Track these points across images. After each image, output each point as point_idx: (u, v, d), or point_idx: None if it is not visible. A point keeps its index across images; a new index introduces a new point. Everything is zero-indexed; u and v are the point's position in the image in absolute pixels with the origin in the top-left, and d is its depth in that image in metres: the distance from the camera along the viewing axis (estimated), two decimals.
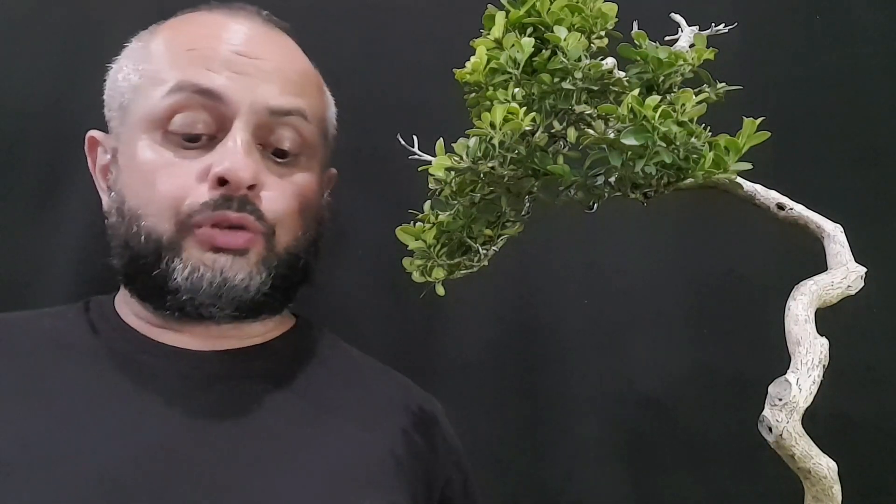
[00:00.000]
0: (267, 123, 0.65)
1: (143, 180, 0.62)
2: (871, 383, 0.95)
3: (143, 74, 0.65)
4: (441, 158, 0.51)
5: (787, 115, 0.96)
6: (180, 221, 0.62)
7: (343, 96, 1.00)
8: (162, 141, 0.63)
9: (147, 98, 0.63)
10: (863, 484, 0.87)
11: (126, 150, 0.64)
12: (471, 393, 0.96)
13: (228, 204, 0.62)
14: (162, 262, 0.62)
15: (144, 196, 0.62)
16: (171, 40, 0.66)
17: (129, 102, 0.65)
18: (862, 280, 0.53)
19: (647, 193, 0.53)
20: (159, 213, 0.62)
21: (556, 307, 0.99)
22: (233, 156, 0.61)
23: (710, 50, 0.55)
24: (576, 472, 0.95)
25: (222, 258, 0.62)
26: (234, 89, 0.63)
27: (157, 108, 0.63)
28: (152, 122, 0.63)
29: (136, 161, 0.63)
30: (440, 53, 0.67)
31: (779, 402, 0.46)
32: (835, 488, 0.48)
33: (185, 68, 0.63)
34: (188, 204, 0.62)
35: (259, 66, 0.65)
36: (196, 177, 0.62)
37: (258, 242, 0.64)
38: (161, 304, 0.64)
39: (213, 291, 0.62)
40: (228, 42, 0.64)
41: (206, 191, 0.62)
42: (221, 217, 0.62)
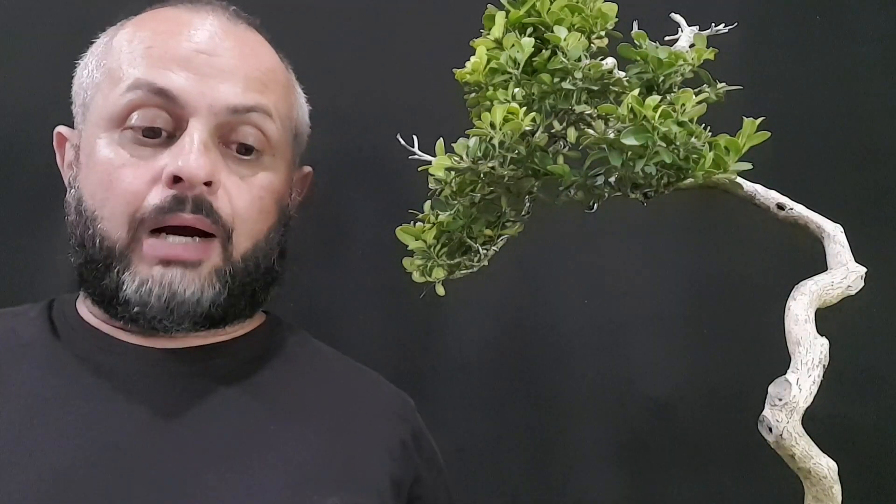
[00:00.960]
0: (228, 122, 0.62)
1: (99, 180, 0.60)
2: (871, 383, 0.95)
3: (104, 72, 0.64)
4: (441, 158, 0.51)
5: (787, 115, 0.96)
6: (133, 228, 0.60)
7: (343, 96, 1.00)
8: (119, 140, 0.61)
9: (106, 96, 0.62)
10: (863, 484, 0.87)
11: (86, 147, 0.63)
12: (471, 393, 0.96)
13: (182, 206, 0.59)
14: (112, 271, 0.60)
15: (100, 197, 0.61)
16: (133, 37, 0.64)
17: (90, 99, 0.64)
18: (862, 280, 0.53)
19: (647, 193, 0.53)
20: (113, 217, 0.60)
21: (556, 307, 0.99)
22: (187, 153, 0.59)
23: (710, 50, 0.55)
24: (576, 472, 0.95)
25: (171, 272, 0.60)
26: (191, 90, 0.61)
27: (115, 105, 0.61)
28: (110, 119, 0.61)
29: (94, 159, 0.61)
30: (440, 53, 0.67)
31: (779, 402, 0.46)
32: (835, 488, 0.48)
33: (144, 66, 0.61)
34: (142, 207, 0.60)
35: (219, 63, 0.63)
36: (151, 178, 0.60)
37: (212, 251, 0.62)
38: (113, 313, 0.63)
39: (162, 306, 0.60)
40: (189, 40, 0.63)
41: (160, 192, 0.60)
42: (175, 220, 0.59)
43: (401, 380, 0.98)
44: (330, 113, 0.91)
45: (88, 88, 0.64)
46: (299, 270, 0.97)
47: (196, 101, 0.61)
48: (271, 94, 0.66)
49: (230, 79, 0.63)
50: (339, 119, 0.91)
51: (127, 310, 0.61)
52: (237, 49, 0.65)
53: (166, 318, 0.61)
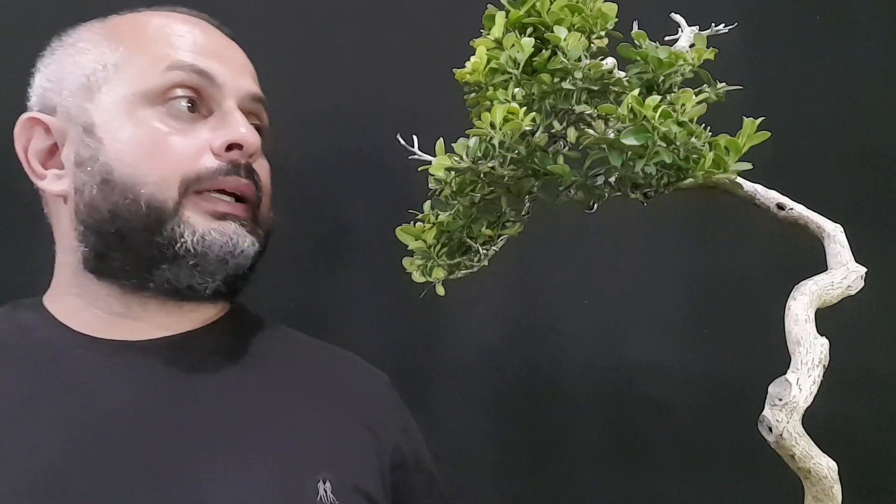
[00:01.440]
0: (244, 108, 0.69)
1: (142, 150, 0.63)
2: (871, 383, 0.95)
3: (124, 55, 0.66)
4: (441, 158, 0.51)
5: (787, 115, 0.96)
6: (185, 188, 0.63)
7: (343, 96, 1.00)
8: (154, 115, 0.64)
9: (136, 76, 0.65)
10: (863, 484, 0.87)
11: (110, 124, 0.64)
12: (471, 393, 0.97)
13: (238, 171, 0.65)
14: (165, 228, 0.62)
15: (147, 165, 0.63)
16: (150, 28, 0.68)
17: (103, 80, 0.66)
18: (862, 280, 0.53)
19: (647, 193, 0.53)
20: (163, 180, 0.63)
21: (556, 307, 0.99)
22: (238, 125, 0.65)
23: (710, 50, 0.55)
24: (576, 472, 0.95)
25: (231, 225, 0.64)
26: (225, 74, 0.67)
27: (153, 83, 0.65)
28: (148, 96, 0.65)
29: (128, 135, 0.63)
30: (440, 53, 0.67)
31: (779, 402, 0.46)
32: (835, 488, 0.48)
33: (182, 51, 0.66)
34: (195, 170, 0.63)
35: (238, 58, 0.71)
36: (202, 145, 0.65)
37: (250, 214, 0.67)
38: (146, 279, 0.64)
39: (222, 257, 0.63)
40: (207, 35, 0.70)
41: (214, 158, 0.64)
42: (234, 183, 0.65)
43: (401, 380, 0.98)
44: (330, 113, 0.91)
45: (98, 70, 0.66)
46: (299, 270, 0.97)
47: (230, 84, 0.67)
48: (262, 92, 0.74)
49: (246, 73, 0.71)
50: (339, 119, 0.91)
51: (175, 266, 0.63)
52: (240, 51, 0.73)
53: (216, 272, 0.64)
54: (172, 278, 0.64)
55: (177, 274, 0.63)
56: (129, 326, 0.66)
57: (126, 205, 0.62)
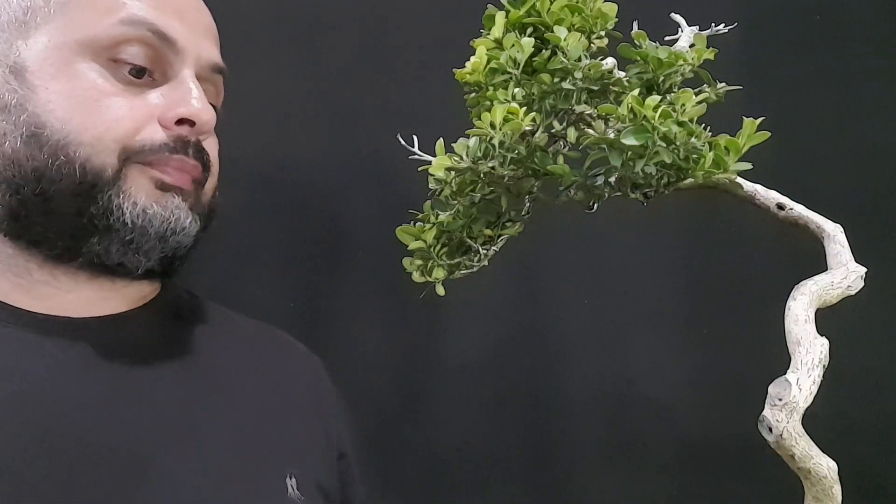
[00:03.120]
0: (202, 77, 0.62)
1: (83, 106, 0.56)
2: (871, 383, 0.95)
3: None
4: (441, 158, 0.51)
5: (787, 115, 0.96)
6: (126, 157, 0.56)
7: (343, 96, 1.00)
8: (98, 69, 0.57)
9: (85, 22, 0.57)
10: (863, 484, 0.87)
11: (45, 70, 0.56)
12: (471, 393, 0.97)
13: (185, 149, 0.59)
14: (101, 197, 0.55)
15: (80, 122, 0.55)
16: None
17: (42, 20, 0.57)
18: (862, 280, 0.53)
19: (647, 193, 0.53)
20: (99, 143, 0.56)
21: (556, 307, 0.99)
22: (193, 99, 0.58)
23: (710, 50, 0.55)
24: (576, 472, 0.95)
25: (174, 199, 0.58)
26: (187, 39, 0.60)
27: (102, 34, 0.57)
28: (93, 47, 0.57)
29: (64, 86, 0.56)
30: (440, 53, 0.67)
31: (779, 402, 0.46)
32: (835, 488, 0.48)
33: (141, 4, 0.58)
34: (140, 139, 0.57)
35: (204, 21, 0.64)
36: (149, 113, 0.58)
37: (194, 190, 0.61)
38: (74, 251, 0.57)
39: (161, 233, 0.57)
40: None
41: (161, 131, 0.58)
42: (180, 161, 0.58)
43: (401, 380, 0.99)
44: (330, 113, 0.91)
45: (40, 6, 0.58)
46: (299, 270, 0.97)
47: (190, 50, 0.60)
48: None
49: (210, 38, 0.64)
50: (339, 119, 0.91)
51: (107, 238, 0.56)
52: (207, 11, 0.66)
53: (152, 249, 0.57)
54: (102, 253, 0.57)
55: (108, 248, 0.56)
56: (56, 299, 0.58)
57: (57, 165, 0.55)
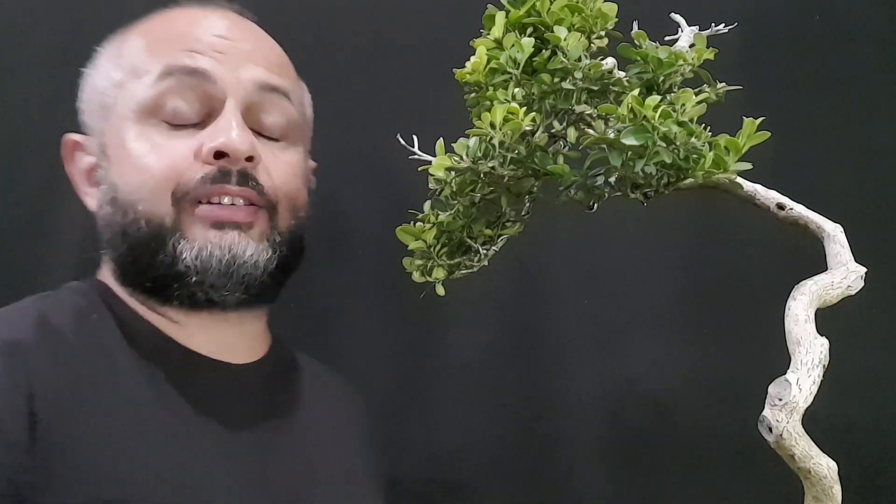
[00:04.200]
0: (255, 102, 0.65)
1: (136, 165, 0.61)
2: (871, 383, 0.94)
3: (125, 70, 0.65)
4: (441, 158, 0.51)
5: (787, 115, 0.96)
6: (178, 200, 0.61)
7: (343, 96, 1.00)
8: (152, 127, 0.62)
9: (133, 90, 0.63)
10: (863, 484, 0.87)
11: (114, 141, 0.64)
12: (471, 393, 0.96)
13: (227, 178, 0.61)
14: (167, 245, 0.60)
15: (137, 181, 0.61)
16: (151, 33, 0.67)
17: (112, 100, 0.65)
18: (862, 280, 0.53)
19: (647, 193, 0.53)
20: (154, 195, 0.61)
21: (556, 307, 0.99)
22: (228, 129, 0.61)
23: (710, 50, 0.55)
24: (576, 472, 0.95)
25: (229, 234, 0.61)
26: (221, 69, 0.63)
27: (145, 96, 0.62)
28: (141, 111, 0.63)
29: (127, 149, 0.62)
30: (440, 53, 0.67)
31: (779, 402, 0.46)
32: (835, 488, 0.48)
33: (170, 55, 0.63)
34: (184, 181, 0.61)
35: (242, 47, 0.65)
36: (189, 154, 0.61)
37: (261, 218, 0.64)
38: (167, 294, 0.62)
39: (222, 270, 0.60)
40: (209, 28, 0.65)
41: (200, 167, 0.61)
42: (220, 190, 0.61)
43: (401, 380, 0.98)
44: (330, 113, 0.91)
45: (107, 90, 0.65)
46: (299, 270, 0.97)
47: (227, 79, 0.63)
48: (287, 78, 0.69)
49: (253, 60, 0.65)
50: (339, 119, 0.91)
51: (183, 284, 0.61)
52: (253, 36, 0.68)
53: (224, 286, 0.61)
54: (188, 294, 0.62)
55: (189, 290, 0.61)
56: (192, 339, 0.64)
57: (130, 222, 0.61)
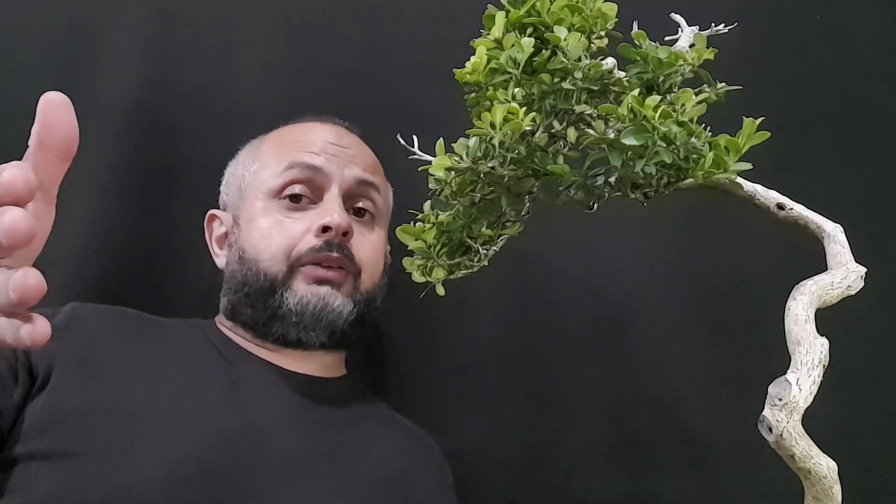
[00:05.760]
0: (352, 192, 0.85)
1: (262, 234, 0.82)
2: (871, 383, 0.95)
3: (261, 162, 0.86)
4: (441, 158, 0.51)
5: (787, 115, 0.96)
6: (291, 263, 0.80)
7: (343, 96, 1.00)
8: (275, 206, 0.83)
9: (264, 177, 0.85)
10: (863, 484, 0.87)
11: (246, 215, 0.84)
12: (471, 393, 0.97)
13: (329, 248, 0.80)
14: (276, 293, 0.80)
15: (262, 246, 0.82)
16: (282, 137, 0.88)
17: (247, 185, 0.86)
18: (862, 280, 0.53)
19: (647, 193, 0.53)
20: (274, 258, 0.80)
21: (556, 307, 0.99)
22: (332, 210, 0.81)
23: (710, 50, 0.55)
24: (576, 472, 0.95)
25: (324, 288, 0.80)
26: (330, 166, 0.84)
27: (273, 182, 0.83)
28: (269, 192, 0.83)
29: (256, 222, 0.83)
30: (440, 53, 0.67)
31: (779, 402, 0.46)
32: (835, 488, 0.48)
33: (295, 153, 0.84)
34: (298, 249, 0.80)
35: (347, 152, 0.86)
36: (303, 231, 0.81)
37: (348, 280, 0.82)
38: (267, 331, 0.81)
39: (316, 314, 0.79)
40: (324, 135, 0.87)
41: (312, 238, 0.80)
42: (325, 257, 0.80)
43: (401, 380, 0.98)
44: (330, 113, 0.91)
45: (245, 177, 0.87)
46: None
47: (334, 173, 0.84)
48: (378, 176, 0.89)
49: (354, 162, 0.86)
50: (340, 119, 0.91)
51: (283, 324, 0.79)
52: (356, 144, 0.89)
53: (314, 329, 0.79)
54: (283, 332, 0.80)
55: (286, 329, 0.80)
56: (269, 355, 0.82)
57: (252, 275, 0.81)
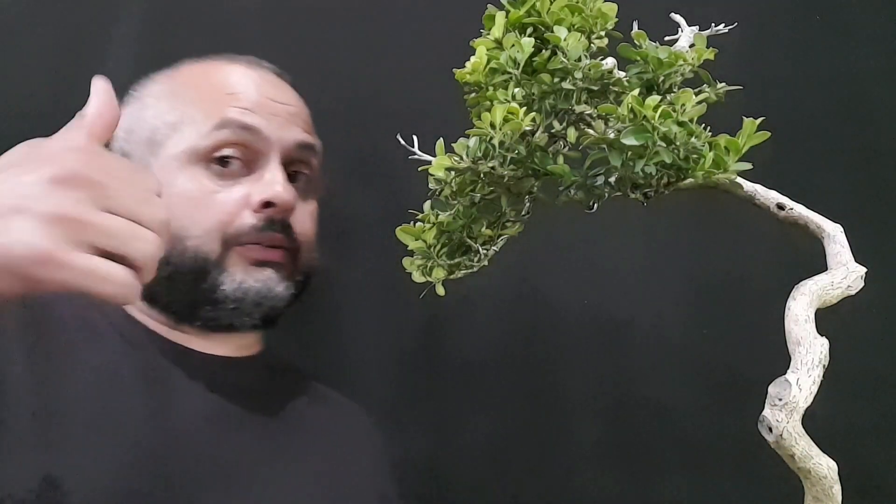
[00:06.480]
0: (291, 156, 0.75)
1: (187, 205, 0.70)
2: (871, 383, 0.95)
3: (180, 113, 0.73)
4: (441, 158, 0.51)
5: (787, 115, 0.96)
6: (225, 242, 0.70)
7: (344, 96, 1.00)
8: (204, 172, 0.71)
9: (188, 135, 0.72)
10: (863, 484, 0.87)
11: (167, 178, 0.71)
12: (471, 393, 0.97)
13: (272, 226, 0.71)
14: (209, 276, 0.70)
15: (189, 220, 0.70)
16: (205, 85, 0.76)
17: (164, 138, 0.73)
18: (862, 280, 0.53)
19: (647, 193, 0.53)
20: (206, 235, 0.70)
21: (556, 307, 0.99)
22: (275, 184, 0.71)
23: (710, 50, 0.55)
24: (576, 472, 0.95)
25: (266, 272, 0.71)
26: (269, 127, 0.73)
27: (200, 142, 0.71)
28: (195, 155, 0.71)
29: (180, 189, 0.71)
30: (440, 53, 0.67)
31: (779, 402, 0.46)
32: (835, 488, 0.48)
33: (227, 109, 0.72)
34: (235, 226, 0.70)
35: (286, 109, 0.76)
36: (237, 203, 0.71)
37: (288, 259, 0.74)
38: (193, 315, 0.72)
39: (257, 301, 0.71)
40: (259, 88, 0.75)
41: (251, 215, 0.71)
42: (269, 238, 0.71)
43: (401, 380, 0.98)
44: (330, 113, 0.91)
45: (160, 127, 0.73)
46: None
47: (273, 136, 0.73)
48: (314, 136, 0.79)
49: (295, 122, 0.76)
50: (339, 119, 0.91)
51: (217, 308, 0.70)
52: (294, 99, 0.78)
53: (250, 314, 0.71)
54: (214, 317, 0.71)
55: (219, 314, 0.71)
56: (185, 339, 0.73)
57: (177, 252, 0.69)
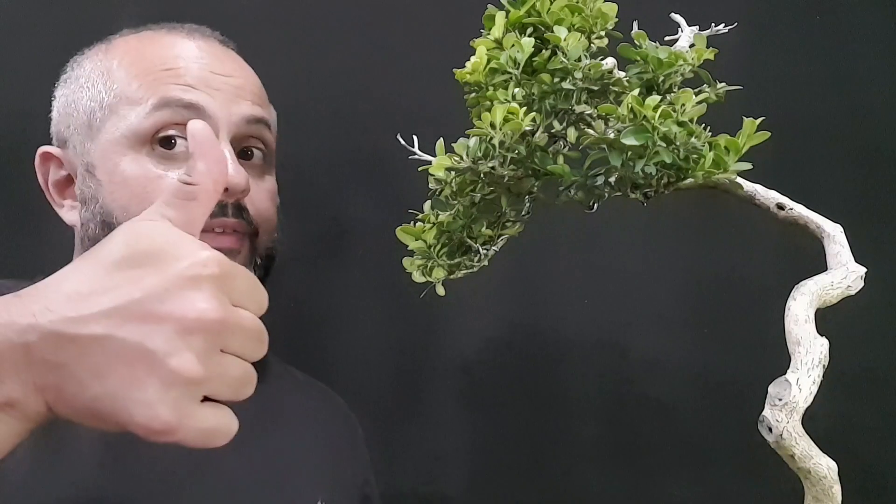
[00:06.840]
0: (241, 133, 0.69)
1: (133, 193, 0.65)
2: (871, 383, 0.95)
3: (117, 94, 0.67)
4: (441, 158, 0.51)
5: (787, 115, 0.96)
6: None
7: (344, 96, 1.00)
8: (147, 156, 0.66)
9: (127, 116, 0.66)
10: (863, 484, 0.87)
11: (107, 165, 0.66)
12: (471, 393, 0.97)
13: (224, 211, 0.65)
14: None
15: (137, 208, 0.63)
16: (142, 60, 0.68)
17: (101, 121, 0.67)
18: (862, 280, 0.53)
19: (647, 193, 0.53)
20: None
21: (556, 307, 0.99)
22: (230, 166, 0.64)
23: (710, 50, 0.55)
24: (576, 472, 0.95)
25: None
26: (213, 104, 0.67)
27: (140, 125, 0.65)
28: (136, 138, 0.66)
29: (124, 176, 0.65)
30: (440, 53, 0.67)
31: (779, 402, 0.46)
32: (835, 488, 0.48)
33: (166, 86, 0.66)
34: None
35: (232, 82, 0.69)
36: None
37: (245, 244, 0.68)
38: None
39: None
40: (200, 61, 0.68)
41: None
42: (220, 223, 0.65)
43: (401, 380, 0.98)
44: (330, 113, 0.91)
45: (95, 111, 0.68)
46: (299, 270, 0.97)
47: (219, 114, 0.66)
48: (266, 108, 0.74)
49: (242, 95, 0.69)
50: (339, 119, 0.91)
51: None
52: (240, 70, 0.72)
53: None
54: None
55: None
56: None
57: None
